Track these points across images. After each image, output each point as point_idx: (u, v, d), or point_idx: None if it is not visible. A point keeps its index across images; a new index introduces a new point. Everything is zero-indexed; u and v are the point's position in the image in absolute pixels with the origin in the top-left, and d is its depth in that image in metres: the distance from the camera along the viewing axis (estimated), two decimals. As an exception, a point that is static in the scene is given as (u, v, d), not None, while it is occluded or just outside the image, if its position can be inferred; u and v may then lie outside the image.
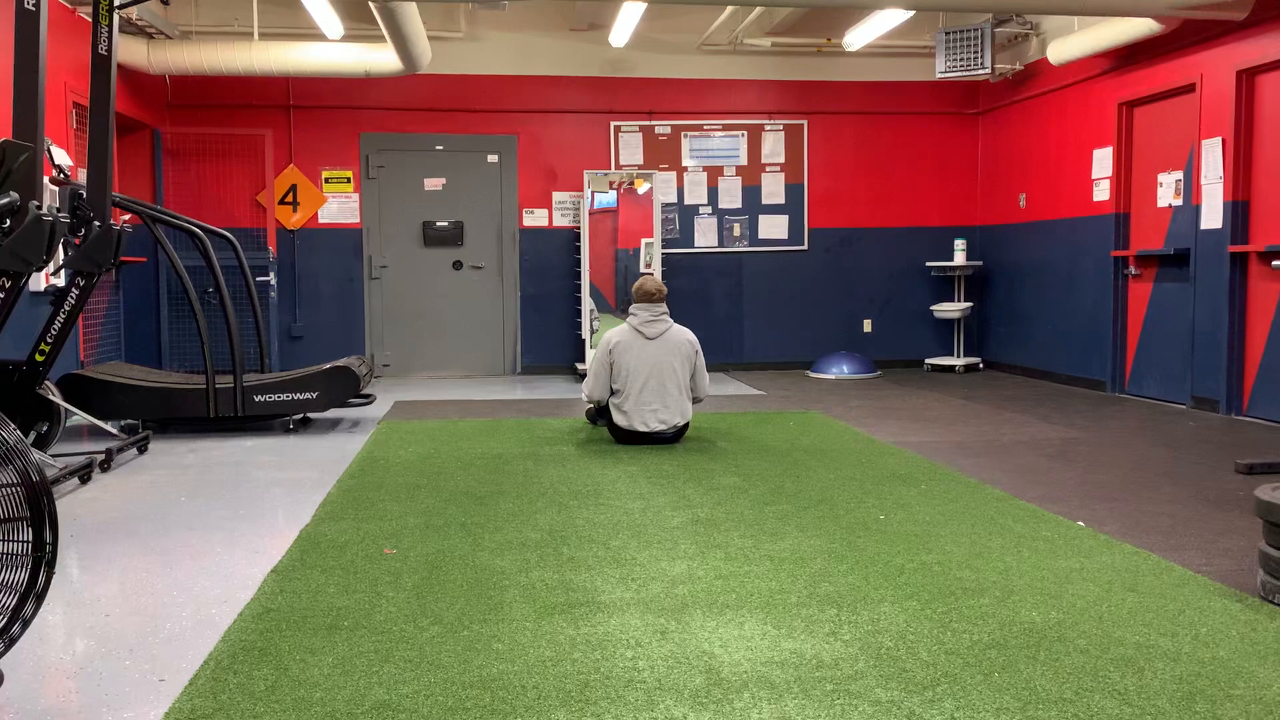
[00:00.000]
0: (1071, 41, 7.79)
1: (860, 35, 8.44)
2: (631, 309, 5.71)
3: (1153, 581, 3.15)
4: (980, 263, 9.67)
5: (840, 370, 9.19)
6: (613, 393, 5.62)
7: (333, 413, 6.98)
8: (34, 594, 2.16)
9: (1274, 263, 5.68)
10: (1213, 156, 6.74)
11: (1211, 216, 6.79)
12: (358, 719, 2.22)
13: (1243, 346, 6.64)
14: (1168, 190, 7.33)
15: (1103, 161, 7.94)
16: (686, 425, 5.71)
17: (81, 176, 6.07)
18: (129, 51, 7.76)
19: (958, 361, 9.59)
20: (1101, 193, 7.98)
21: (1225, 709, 2.24)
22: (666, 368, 5.56)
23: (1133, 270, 7.70)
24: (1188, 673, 2.44)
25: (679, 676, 2.44)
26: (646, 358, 5.55)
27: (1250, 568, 3.25)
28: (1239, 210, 6.60)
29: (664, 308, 5.69)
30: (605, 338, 5.68)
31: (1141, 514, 4.05)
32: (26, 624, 2.18)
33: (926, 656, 2.55)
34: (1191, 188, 7.01)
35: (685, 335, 5.71)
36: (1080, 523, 3.89)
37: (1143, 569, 3.28)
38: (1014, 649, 2.60)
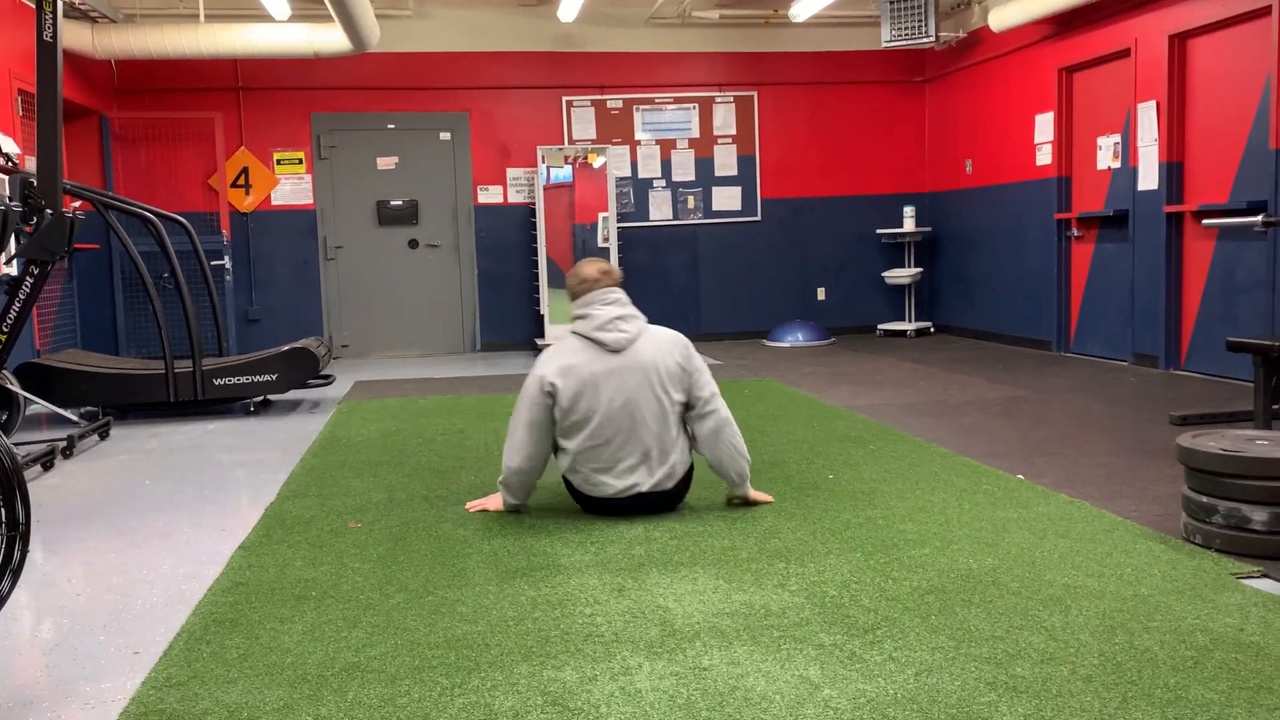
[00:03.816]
0: (1011, 8, 7.94)
1: (806, 6, 8.54)
2: (577, 309, 3.67)
3: (1084, 528, 3.32)
4: (929, 229, 9.86)
5: (795, 338, 9.36)
6: (558, 448, 3.64)
7: (293, 394, 7.02)
8: (10, 570, 2.23)
9: (1205, 221, 5.89)
10: (1148, 119, 6.93)
11: (1148, 178, 7.00)
12: (328, 680, 2.32)
13: (1179, 304, 6.87)
14: (1106, 153, 7.53)
15: (1044, 126, 8.12)
16: (688, 477, 3.70)
17: (30, 164, 6.05)
18: (74, 36, 7.69)
19: (909, 326, 9.78)
20: (1044, 157, 8.16)
21: (1142, 639, 2.41)
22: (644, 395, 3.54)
23: (1075, 232, 7.91)
24: (1110, 609, 2.61)
25: (635, 629, 2.56)
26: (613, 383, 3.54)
27: (1176, 512, 3.43)
28: (1174, 171, 6.80)
29: (622, 294, 3.70)
30: (538, 371, 3.60)
31: (1079, 466, 4.24)
32: (3, 600, 2.26)
33: (868, 603, 2.70)
34: (1129, 150, 7.21)
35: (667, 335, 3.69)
36: (1020, 476, 4.06)
37: (1076, 517, 3.46)
38: (950, 593, 2.75)
